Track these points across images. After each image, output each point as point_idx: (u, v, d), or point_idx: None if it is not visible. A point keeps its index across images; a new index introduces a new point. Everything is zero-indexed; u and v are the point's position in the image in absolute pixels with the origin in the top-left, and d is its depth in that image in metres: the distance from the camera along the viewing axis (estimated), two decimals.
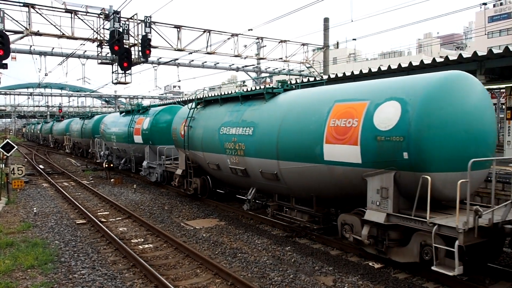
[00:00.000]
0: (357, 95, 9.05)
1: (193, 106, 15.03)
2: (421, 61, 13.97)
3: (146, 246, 10.18)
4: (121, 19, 20.82)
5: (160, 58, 29.00)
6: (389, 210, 7.89)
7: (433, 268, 7.12)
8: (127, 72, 22.13)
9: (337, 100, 9.33)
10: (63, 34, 20.52)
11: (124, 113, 24.37)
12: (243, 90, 19.60)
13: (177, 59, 28.59)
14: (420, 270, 7.86)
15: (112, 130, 24.35)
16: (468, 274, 7.55)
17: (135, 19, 21.73)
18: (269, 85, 20.83)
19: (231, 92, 14.55)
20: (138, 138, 20.60)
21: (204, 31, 25.01)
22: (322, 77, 18.49)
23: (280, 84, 12.45)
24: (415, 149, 7.50)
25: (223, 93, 16.84)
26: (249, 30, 25.48)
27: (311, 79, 19.05)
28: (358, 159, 8.40)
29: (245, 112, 12.24)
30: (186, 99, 28.51)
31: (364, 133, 8.26)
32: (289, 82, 13.35)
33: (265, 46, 28.58)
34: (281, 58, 29.18)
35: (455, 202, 6.91)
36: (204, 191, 15.27)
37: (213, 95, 19.84)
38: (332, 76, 17.36)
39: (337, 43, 31.49)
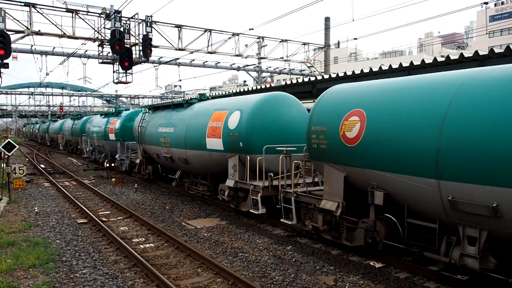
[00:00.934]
0: (224, 106, 13.59)
1: (145, 111, 19.66)
2: (422, 60, 13.96)
3: (147, 245, 10.20)
4: (122, 18, 20.84)
5: (161, 57, 28.98)
6: (236, 178, 12.44)
7: (250, 210, 11.87)
8: (128, 71, 22.19)
9: (215, 109, 13.88)
10: (64, 33, 20.55)
11: (103, 115, 27.60)
12: (242, 90, 20.64)
13: (178, 59, 28.58)
14: (419, 269, 7.88)
15: (94, 129, 27.92)
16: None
17: (136, 19, 21.74)
18: (270, 85, 21.10)
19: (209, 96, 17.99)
20: (112, 136, 24.37)
21: (205, 31, 25.02)
22: (323, 76, 18.52)
23: (198, 95, 16.67)
24: (245, 140, 12.02)
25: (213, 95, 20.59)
26: (250, 29, 25.53)
27: (312, 78, 19.07)
28: (222, 147, 12.92)
29: (172, 116, 16.66)
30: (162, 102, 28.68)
31: (224, 130, 12.79)
32: (208, 95, 18.04)
33: (266, 45, 28.61)
34: (282, 58, 29.19)
35: (282, 173, 11.01)
36: (156, 175, 19.75)
37: (211, 95, 22.59)
38: (330, 76, 17.34)
39: (338, 42, 31.52)
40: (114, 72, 22.95)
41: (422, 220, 7.47)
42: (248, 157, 11.84)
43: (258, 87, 22.93)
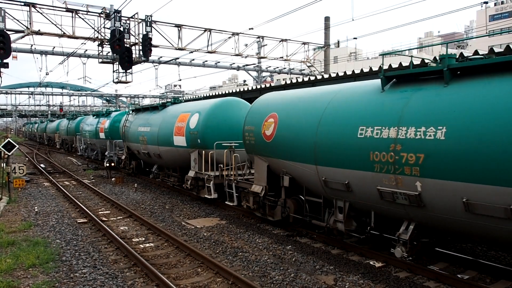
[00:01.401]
0: (188, 109, 15.90)
1: (129, 112, 22.03)
2: (422, 60, 13.94)
3: (147, 245, 10.20)
4: (122, 18, 20.82)
5: (161, 57, 28.96)
6: (196, 170, 14.72)
7: (206, 196, 14.12)
8: (128, 71, 22.18)
9: (182, 111, 16.20)
10: (64, 33, 20.54)
11: (95, 116, 29.78)
12: (242, 89, 20.95)
13: (177, 58, 28.56)
14: (420, 268, 7.89)
15: (87, 128, 30.48)
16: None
17: (136, 18, 21.73)
18: (270, 84, 21.18)
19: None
20: (102, 135, 26.64)
21: (205, 30, 25.00)
22: (323, 76, 18.52)
23: (172, 99, 19.08)
24: (202, 138, 14.31)
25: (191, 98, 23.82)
26: (249, 29, 25.51)
27: (312, 78, 19.07)
28: (185, 143, 15.18)
29: (149, 117, 18.93)
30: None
31: (186, 129, 15.04)
32: (183, 98, 21.54)
33: (266, 45, 28.59)
34: (282, 57, 29.18)
35: (228, 164, 13.19)
36: (139, 170, 22.09)
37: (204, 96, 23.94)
38: (325, 76, 17.34)
39: (338, 42, 31.43)
40: (114, 71, 22.94)
41: (314, 197, 9.87)
42: (204, 151, 14.23)
43: (258, 86, 22.92)
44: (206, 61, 30.22)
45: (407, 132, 7.03)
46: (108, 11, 20.95)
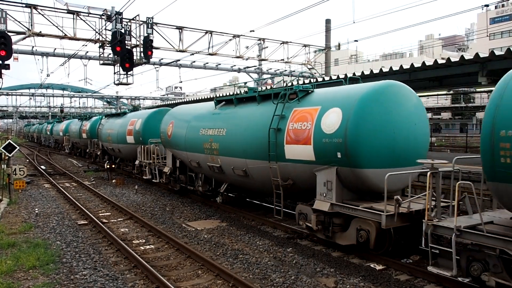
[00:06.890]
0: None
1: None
2: (423, 62, 13.96)
3: (148, 247, 10.19)
4: (123, 20, 20.86)
5: (162, 59, 29.01)
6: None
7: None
8: (129, 73, 22.21)
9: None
10: (65, 35, 20.57)
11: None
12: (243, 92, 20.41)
13: (178, 60, 28.61)
14: (420, 271, 7.87)
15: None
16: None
17: (137, 20, 21.77)
18: (270, 87, 21.07)
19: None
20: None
21: (206, 32, 25.03)
22: (323, 78, 18.53)
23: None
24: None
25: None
26: (251, 31, 25.53)
27: (313, 80, 19.08)
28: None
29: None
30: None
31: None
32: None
33: (267, 47, 28.60)
34: (283, 59, 29.20)
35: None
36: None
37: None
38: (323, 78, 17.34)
39: (339, 44, 31.53)
40: (115, 73, 22.98)
41: None
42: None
43: (259, 88, 22.93)
44: (207, 63, 30.23)
45: None
46: (109, 13, 21.00)
